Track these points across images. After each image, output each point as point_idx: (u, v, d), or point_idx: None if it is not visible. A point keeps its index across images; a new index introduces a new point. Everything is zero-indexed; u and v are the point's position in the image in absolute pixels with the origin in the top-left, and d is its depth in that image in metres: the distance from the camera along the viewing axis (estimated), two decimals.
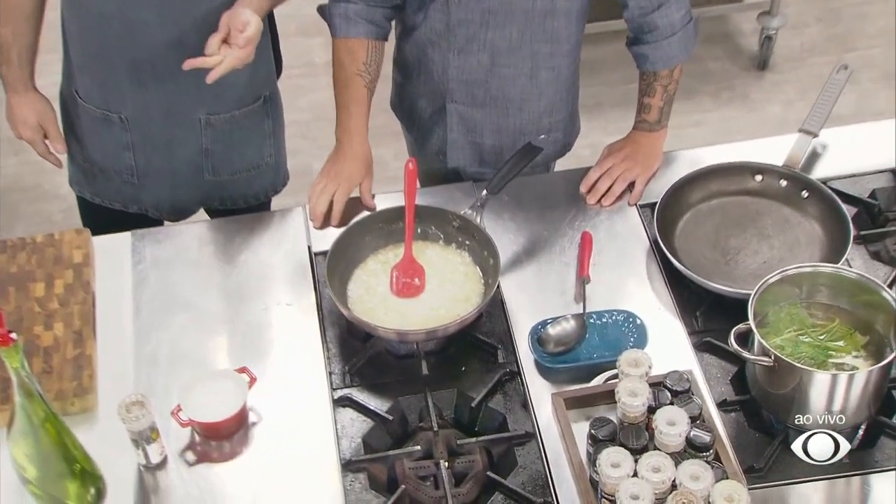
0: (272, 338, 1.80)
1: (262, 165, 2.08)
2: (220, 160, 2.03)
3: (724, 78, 3.58)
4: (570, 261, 1.90)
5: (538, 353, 1.74)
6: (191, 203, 2.09)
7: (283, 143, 2.14)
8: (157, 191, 2.05)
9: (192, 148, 1.99)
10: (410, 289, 1.82)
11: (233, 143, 2.01)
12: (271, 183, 2.13)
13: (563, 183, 2.06)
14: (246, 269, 1.91)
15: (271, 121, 2.05)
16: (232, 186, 2.07)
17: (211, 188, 2.06)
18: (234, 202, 2.10)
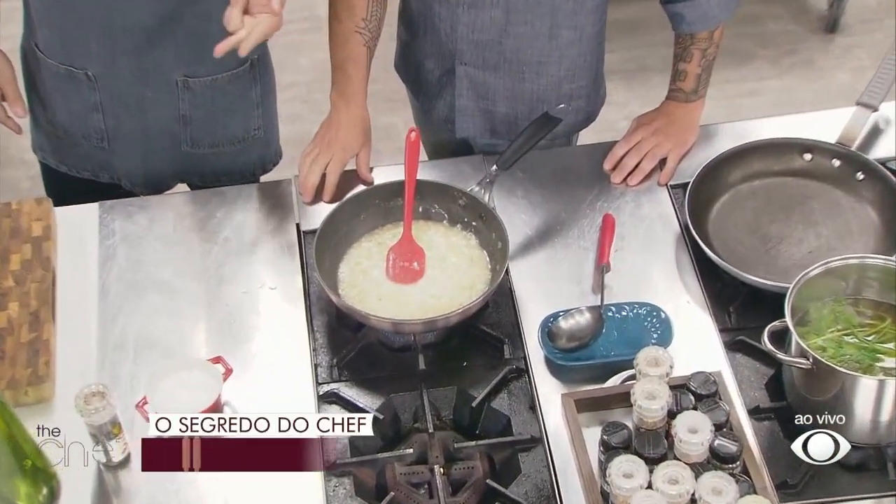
0: (252, 325, 1.85)
1: (249, 139, 2.11)
2: (200, 130, 2.06)
3: (786, 41, 3.58)
4: (588, 246, 1.93)
5: (548, 349, 1.78)
6: (166, 176, 2.13)
7: (275, 115, 2.17)
8: (130, 159, 2.09)
9: (168, 113, 2.03)
10: (408, 273, 1.86)
11: (215, 111, 2.05)
12: (259, 159, 2.16)
13: (585, 158, 2.09)
14: (226, 248, 1.96)
15: (260, 88, 2.08)
16: (214, 161, 2.11)
17: (189, 161, 2.10)
18: (216, 178, 2.14)
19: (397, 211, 1.91)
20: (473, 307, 1.77)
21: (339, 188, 2.01)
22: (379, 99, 3.54)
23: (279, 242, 1.96)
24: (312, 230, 1.92)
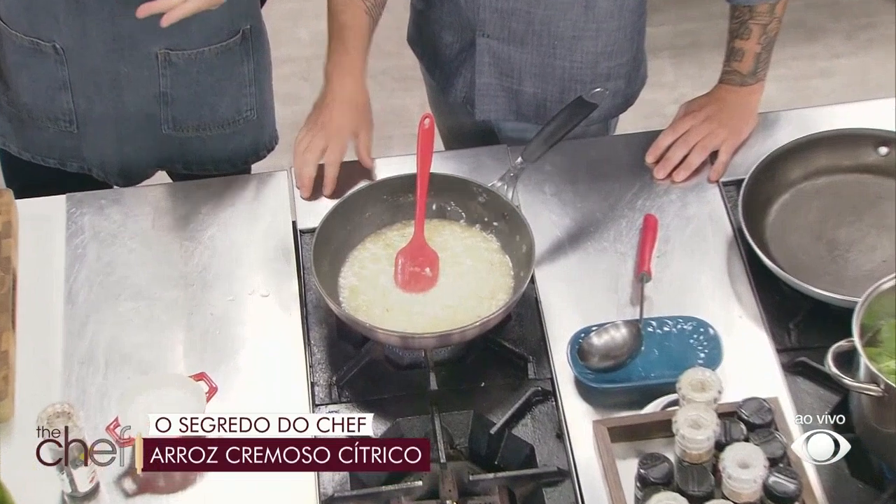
0: (240, 337, 1.86)
1: (240, 122, 2.13)
2: (184, 111, 2.08)
3: (862, 12, 3.56)
4: (627, 251, 1.94)
5: (579, 369, 1.79)
6: (145, 164, 2.15)
7: (270, 94, 2.18)
8: (102, 144, 2.10)
9: (147, 91, 2.04)
10: (420, 281, 1.87)
11: (200, 89, 2.06)
12: (251, 145, 2.18)
13: (624, 149, 2.10)
14: (212, 248, 1.97)
15: (253, 63, 2.10)
16: (199, 147, 2.13)
17: (171, 146, 2.12)
18: (203, 167, 2.15)
19: (408, 208, 1.93)
20: (493, 320, 1.78)
21: (342, 181, 2.03)
22: (390, 77, 3.57)
23: (272, 243, 1.98)
24: (311, 229, 1.93)
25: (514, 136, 2.16)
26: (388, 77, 3.39)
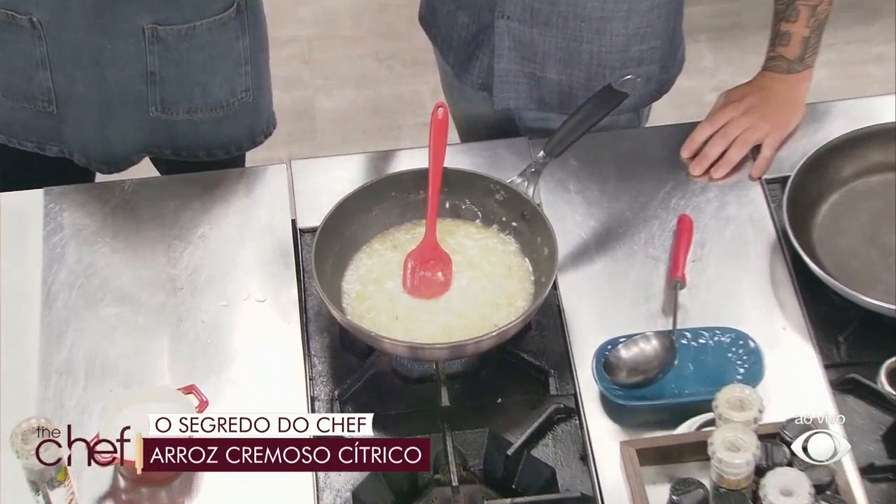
0: (234, 346, 1.87)
1: (235, 104, 2.13)
2: (173, 91, 2.08)
3: None
4: (658, 255, 1.95)
5: (605, 384, 1.79)
6: (130, 148, 2.15)
7: (267, 74, 2.19)
8: (84, 127, 2.11)
9: (133, 69, 2.05)
10: (431, 286, 1.88)
11: (191, 68, 2.07)
12: (247, 130, 2.19)
13: (657, 142, 2.10)
14: (203, 249, 1.99)
15: (249, 39, 2.10)
16: (190, 131, 2.13)
17: (159, 130, 2.12)
18: (193, 153, 2.16)
19: (419, 206, 1.93)
20: (511, 329, 1.79)
21: (346, 174, 2.04)
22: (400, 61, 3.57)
23: (270, 243, 1.99)
24: (312, 228, 1.94)
25: (536, 126, 2.17)
26: (397, 61, 3.40)
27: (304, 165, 2.12)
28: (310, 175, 2.09)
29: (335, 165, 2.13)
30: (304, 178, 2.09)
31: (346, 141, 3.28)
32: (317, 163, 2.17)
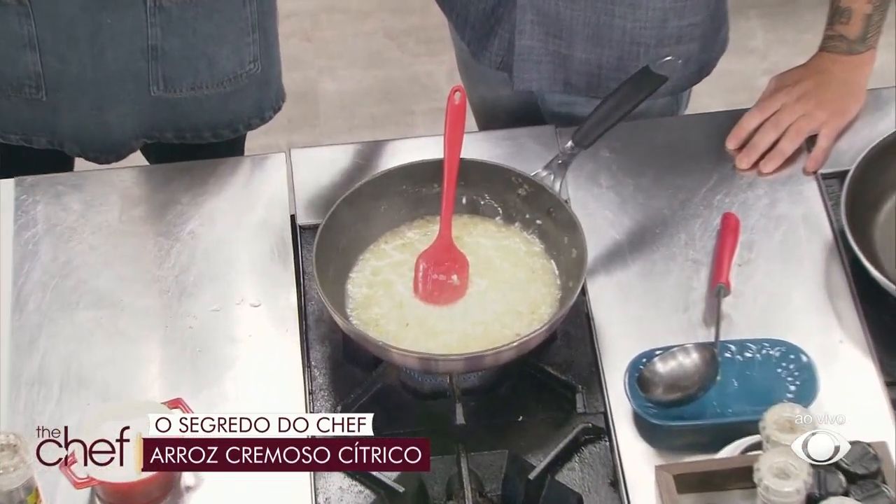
0: (226, 356, 1.87)
1: (243, 76, 2.14)
2: (177, 66, 2.08)
3: None
4: (700, 258, 1.94)
5: (639, 402, 1.79)
6: (130, 133, 2.15)
7: (275, 41, 2.19)
8: (78, 113, 2.10)
9: (133, 45, 2.04)
10: (445, 290, 1.88)
11: (196, 39, 2.07)
12: (255, 105, 2.19)
13: (700, 131, 2.10)
14: (192, 247, 1.98)
15: (255, 5, 2.10)
16: (194, 109, 2.14)
17: (161, 111, 2.13)
18: (198, 133, 2.16)
19: (432, 202, 1.93)
20: (534, 339, 1.78)
21: (352, 165, 2.04)
22: (413, 39, 3.57)
23: (266, 241, 1.99)
24: (313, 225, 1.94)
25: (563, 112, 2.16)
26: (410, 39, 3.40)
27: (304, 155, 2.12)
28: (311, 165, 2.09)
29: (339, 155, 2.13)
30: (304, 168, 2.09)
31: (353, 128, 3.28)
32: (319, 152, 2.17)
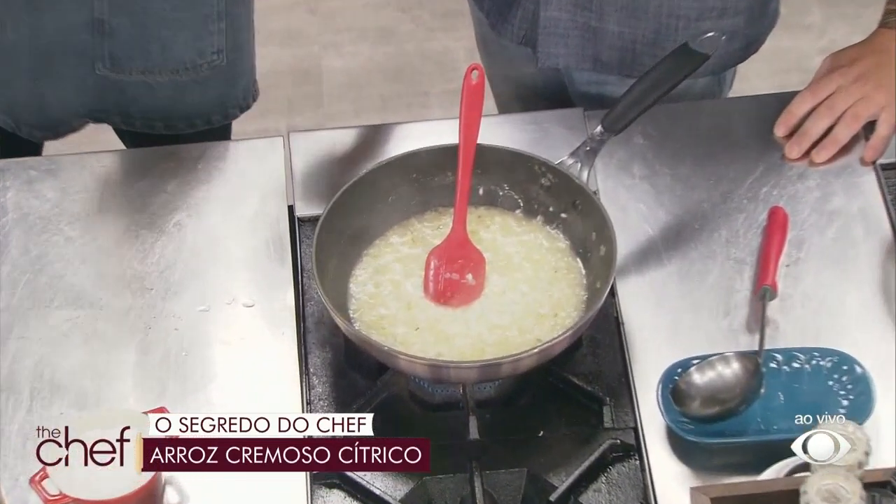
0: (213, 360, 1.88)
1: (203, 67, 2.15)
2: (126, 46, 2.09)
3: None
4: (744, 257, 1.94)
5: (673, 416, 1.78)
6: (71, 111, 2.16)
7: (248, 32, 2.20)
8: (14, 84, 2.12)
9: (76, 17, 2.05)
10: (459, 291, 1.88)
11: (149, 19, 2.08)
12: (217, 100, 2.20)
13: (746, 116, 2.10)
14: (179, 240, 1.99)
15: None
16: (145, 96, 2.15)
17: (107, 92, 2.14)
18: (149, 123, 2.18)
19: (445, 192, 1.93)
20: (558, 345, 1.78)
21: (357, 151, 2.04)
22: (428, 12, 3.57)
23: (261, 235, 2.00)
24: (313, 217, 1.95)
25: (592, 93, 2.17)
26: (425, 12, 3.40)
27: (305, 139, 2.13)
28: (312, 151, 2.10)
29: (343, 139, 2.13)
30: (304, 154, 2.09)
31: (360, 110, 3.28)
32: (321, 136, 2.16)
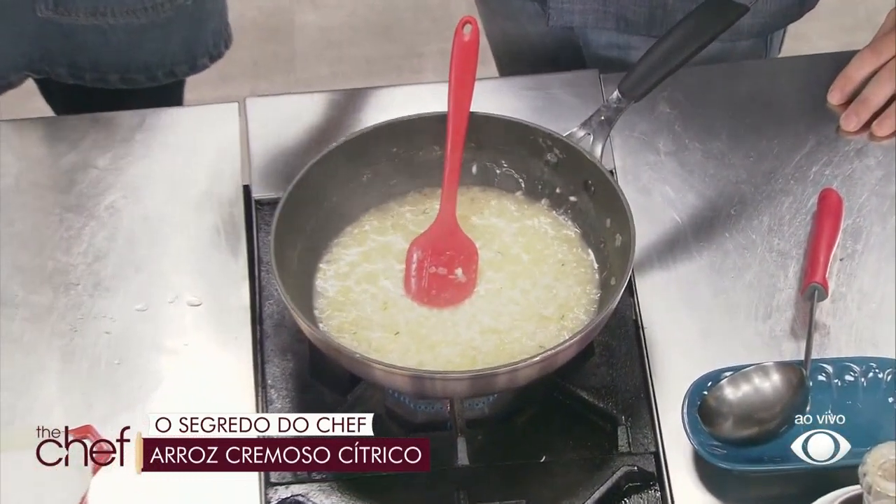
0: (153, 371, 1.90)
1: (165, 7, 2.17)
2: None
3: None
4: (788, 249, 1.96)
5: (701, 439, 1.79)
6: (9, 64, 2.19)
7: None
8: None
9: None
10: (447, 288, 1.90)
11: None
12: (183, 48, 2.23)
13: (795, 80, 2.12)
14: (112, 227, 2.01)
15: None
16: (97, 42, 2.18)
17: (52, 39, 2.16)
18: (102, 76, 2.21)
19: (431, 169, 1.96)
20: (564, 354, 1.79)
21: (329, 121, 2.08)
22: None
23: (211, 220, 2.02)
24: (273, 199, 1.98)
25: (612, 57, 2.19)
26: None
27: (265, 106, 2.15)
28: (274, 120, 2.12)
29: (312, 106, 2.15)
30: (265, 124, 2.11)
31: (339, 74, 3.28)
32: (285, 102, 2.19)
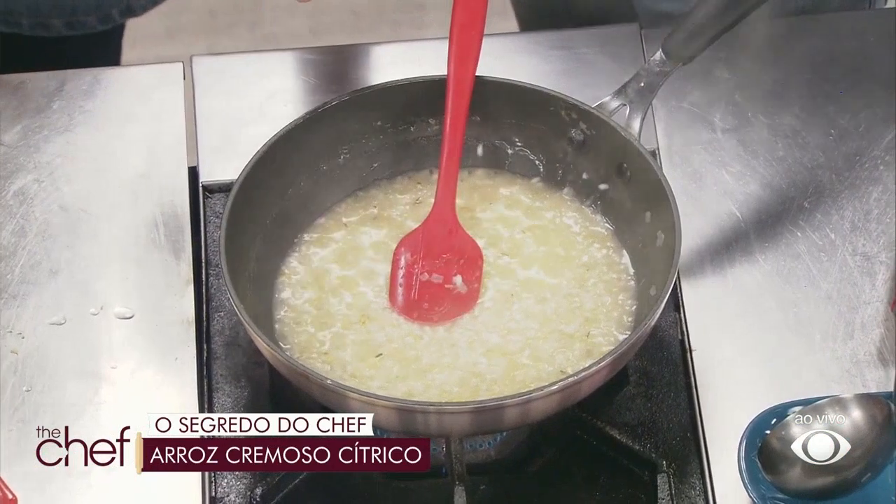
0: (73, 400, 1.94)
1: None
2: None
3: None
4: (875, 253, 1.98)
5: (763, 491, 1.81)
6: None
7: None
8: None
9: None
10: (443, 300, 1.93)
11: None
12: None
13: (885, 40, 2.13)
14: (23, 219, 2.05)
15: None
16: None
17: None
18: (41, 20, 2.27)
19: (425, 149, 1.99)
20: (590, 382, 1.81)
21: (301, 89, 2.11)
22: None
23: (147, 210, 2.06)
24: (225, 184, 2.03)
25: (662, 10, 2.23)
26: None
27: (217, 66, 2.19)
28: (226, 85, 2.16)
29: (278, 67, 2.18)
30: (214, 90, 2.15)
31: (319, 30, 3.30)
32: (242, 62, 2.22)
